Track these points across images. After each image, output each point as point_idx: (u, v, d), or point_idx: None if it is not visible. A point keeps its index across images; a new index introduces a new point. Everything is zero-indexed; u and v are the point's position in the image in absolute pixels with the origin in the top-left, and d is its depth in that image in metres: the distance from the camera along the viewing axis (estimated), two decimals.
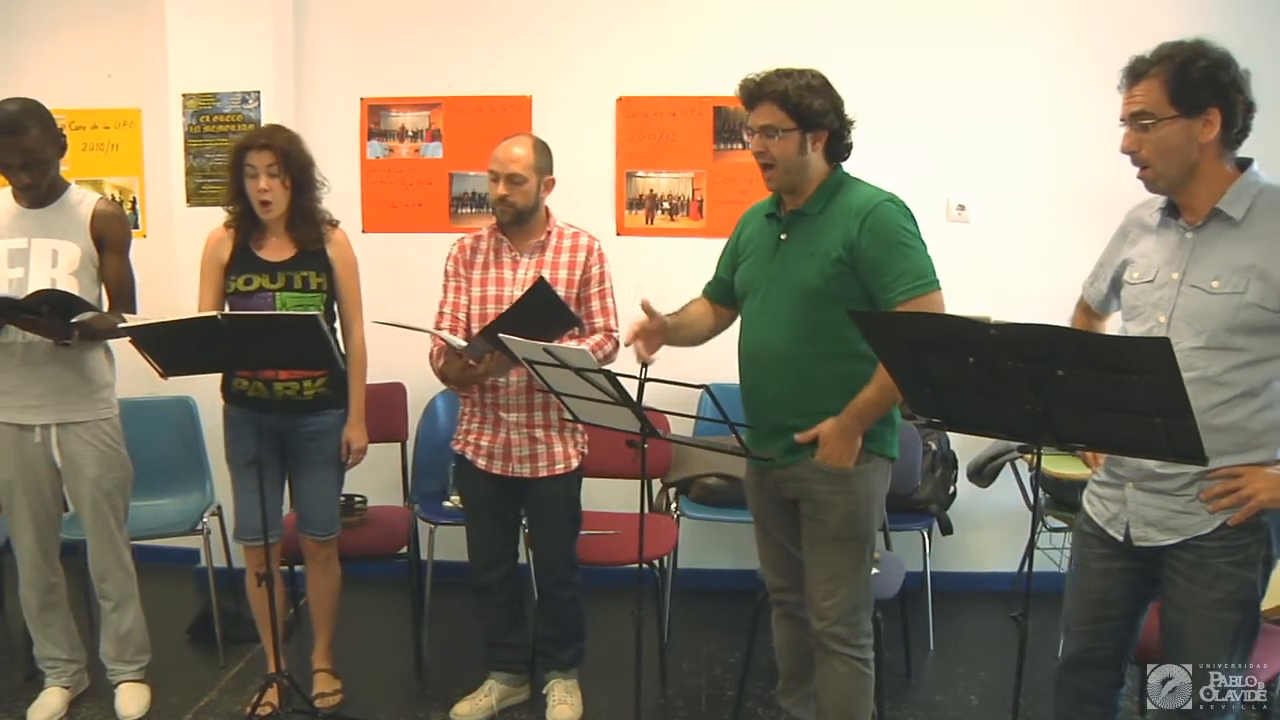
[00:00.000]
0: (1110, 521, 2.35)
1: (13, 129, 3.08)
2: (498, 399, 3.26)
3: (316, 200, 3.33)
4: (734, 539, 4.29)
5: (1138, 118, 2.17)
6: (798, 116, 2.53)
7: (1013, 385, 1.98)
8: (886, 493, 2.76)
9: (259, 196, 3.21)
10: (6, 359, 3.26)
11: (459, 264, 3.35)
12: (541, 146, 3.27)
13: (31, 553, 3.37)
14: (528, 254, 3.28)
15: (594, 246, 3.32)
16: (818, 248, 2.55)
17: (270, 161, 3.19)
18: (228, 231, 3.32)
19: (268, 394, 3.27)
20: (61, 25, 4.73)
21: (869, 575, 2.73)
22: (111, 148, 4.80)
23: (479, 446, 3.33)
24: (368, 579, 4.19)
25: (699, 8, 4.40)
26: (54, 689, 3.49)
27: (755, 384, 2.69)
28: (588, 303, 3.30)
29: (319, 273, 3.31)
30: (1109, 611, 2.40)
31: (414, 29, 4.52)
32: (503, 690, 3.51)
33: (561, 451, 3.32)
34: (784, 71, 2.55)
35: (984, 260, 4.21)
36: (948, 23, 4.32)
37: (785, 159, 2.56)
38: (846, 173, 2.67)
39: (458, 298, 3.33)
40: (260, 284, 3.26)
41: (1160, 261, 2.26)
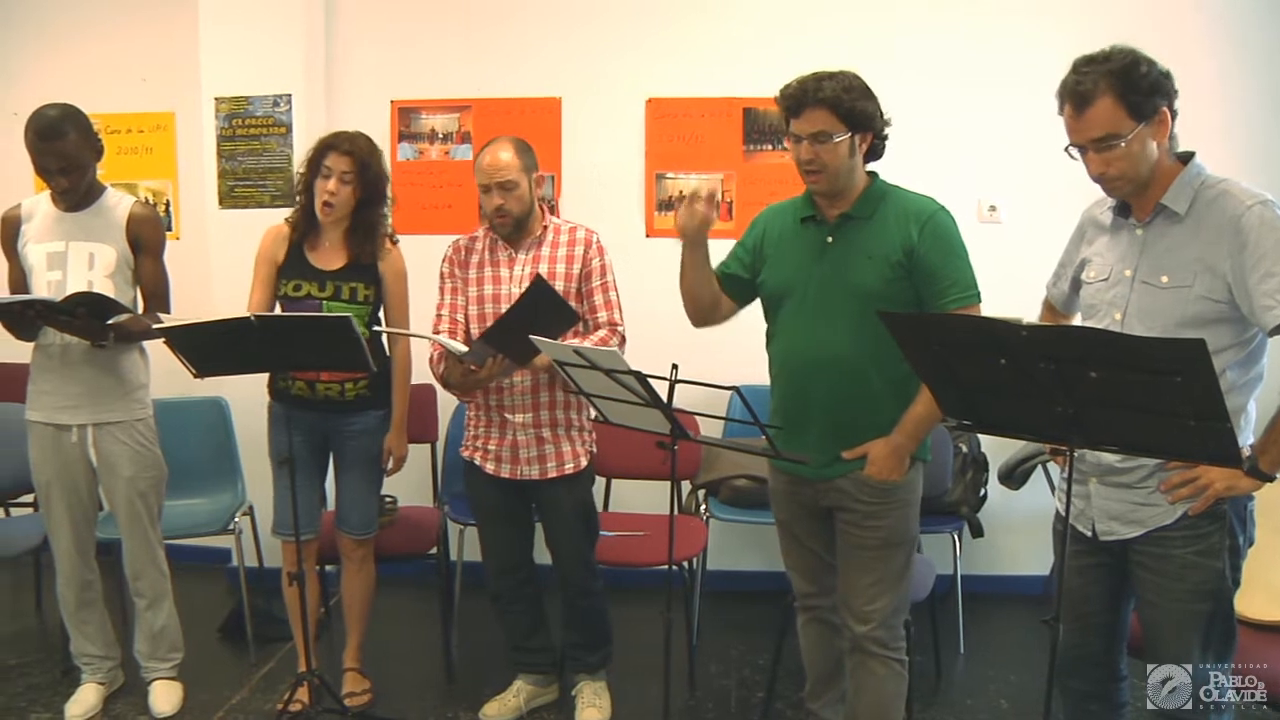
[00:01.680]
0: (1078, 517, 2.37)
1: (52, 134, 3.12)
2: (503, 401, 3.24)
3: (382, 216, 3.35)
4: (763, 541, 4.28)
5: (1103, 141, 2.18)
6: (850, 121, 2.51)
7: (1044, 387, 1.96)
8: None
9: (324, 197, 3.23)
10: (45, 360, 3.31)
11: (454, 265, 3.33)
12: (523, 145, 3.22)
13: (68, 551, 3.42)
14: (524, 250, 3.25)
15: (592, 239, 3.27)
16: (874, 251, 2.55)
17: (347, 168, 3.22)
18: (286, 229, 3.35)
19: (310, 394, 3.30)
20: (97, 31, 4.80)
21: (910, 578, 2.73)
22: (146, 151, 4.85)
23: (486, 451, 3.32)
24: (398, 579, 4.20)
25: (728, 9, 4.40)
26: (90, 685, 3.53)
27: (800, 389, 2.66)
28: (590, 297, 3.25)
29: (367, 284, 3.33)
30: (1090, 608, 2.43)
31: (444, 32, 4.54)
32: (531, 691, 3.51)
33: (570, 451, 3.30)
34: (824, 75, 2.52)
35: (1016, 261, 4.14)
36: (978, 23, 4.30)
37: (836, 164, 2.54)
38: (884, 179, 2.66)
39: (455, 299, 3.31)
40: (309, 291, 3.28)
41: (1114, 259, 2.31)
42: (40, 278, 3.25)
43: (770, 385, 2.76)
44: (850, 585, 2.70)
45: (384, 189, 3.34)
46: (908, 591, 2.74)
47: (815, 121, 2.51)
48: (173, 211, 4.84)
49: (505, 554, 3.44)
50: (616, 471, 4.18)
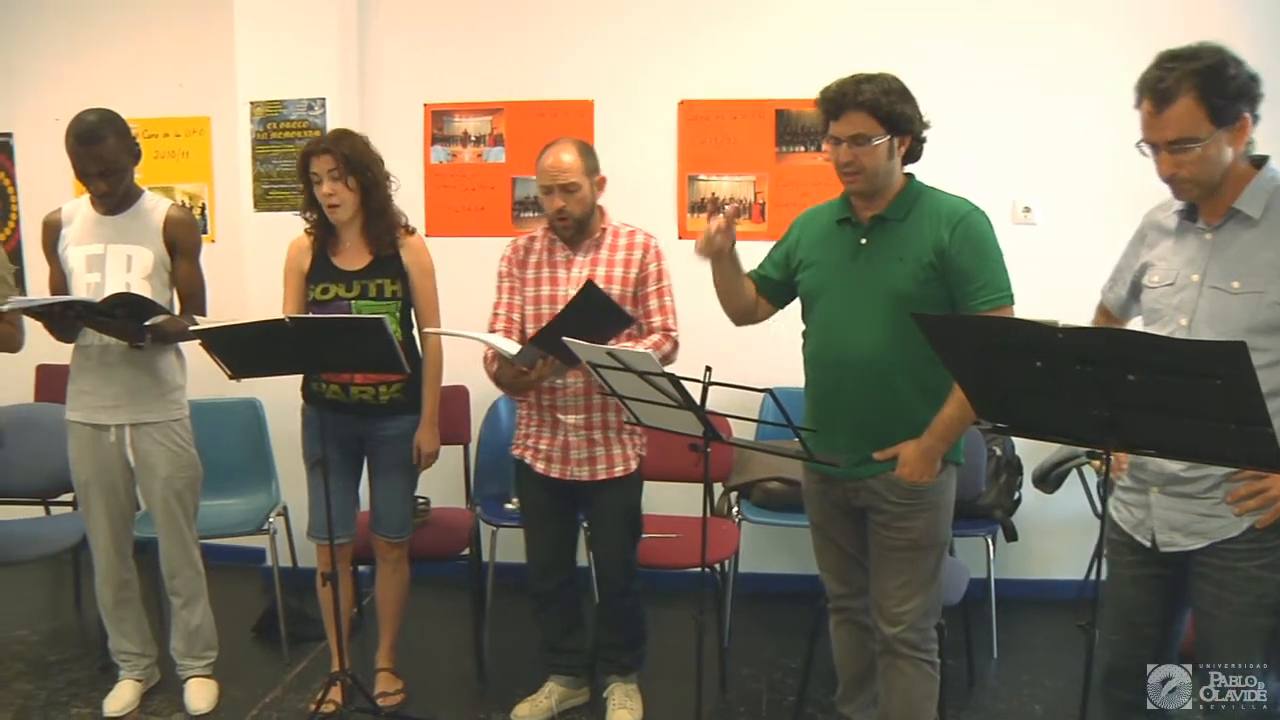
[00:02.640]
0: (1137, 527, 2.32)
1: (91, 138, 3.16)
2: (555, 401, 3.26)
3: (387, 199, 3.35)
4: (795, 543, 4.27)
5: (1177, 144, 2.10)
6: (889, 124, 2.50)
7: (1081, 390, 1.94)
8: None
9: (326, 201, 3.25)
10: (84, 361, 3.36)
11: (512, 265, 3.36)
12: (585, 148, 3.24)
13: (106, 549, 3.46)
14: (582, 253, 3.27)
15: (650, 244, 3.28)
16: (906, 253, 2.55)
17: (331, 166, 3.22)
18: (309, 240, 3.38)
19: (344, 397, 3.32)
20: (134, 37, 4.86)
21: (942, 580, 2.72)
22: (182, 155, 4.90)
23: (537, 450, 3.34)
24: (430, 580, 4.22)
25: (761, 11, 4.38)
26: (127, 681, 3.58)
27: (831, 390, 2.66)
28: (645, 301, 3.26)
29: (394, 280, 3.34)
30: (1144, 619, 2.37)
31: (476, 35, 4.56)
32: (562, 692, 3.52)
33: (620, 454, 3.31)
34: (864, 78, 2.51)
35: (1051, 263, 4.13)
36: (1011, 24, 4.26)
37: (874, 166, 2.53)
38: (919, 181, 2.66)
39: (511, 298, 3.34)
40: (336, 293, 3.30)
41: (1180, 264, 2.24)
42: (80, 280, 3.29)
43: (804, 387, 2.76)
44: (881, 587, 2.70)
45: (379, 172, 3.32)
46: (939, 594, 2.73)
47: (855, 124, 2.51)
48: (208, 214, 4.89)
49: (549, 553, 3.45)
50: (649, 474, 4.13)
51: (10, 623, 4.18)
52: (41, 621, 4.34)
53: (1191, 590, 2.26)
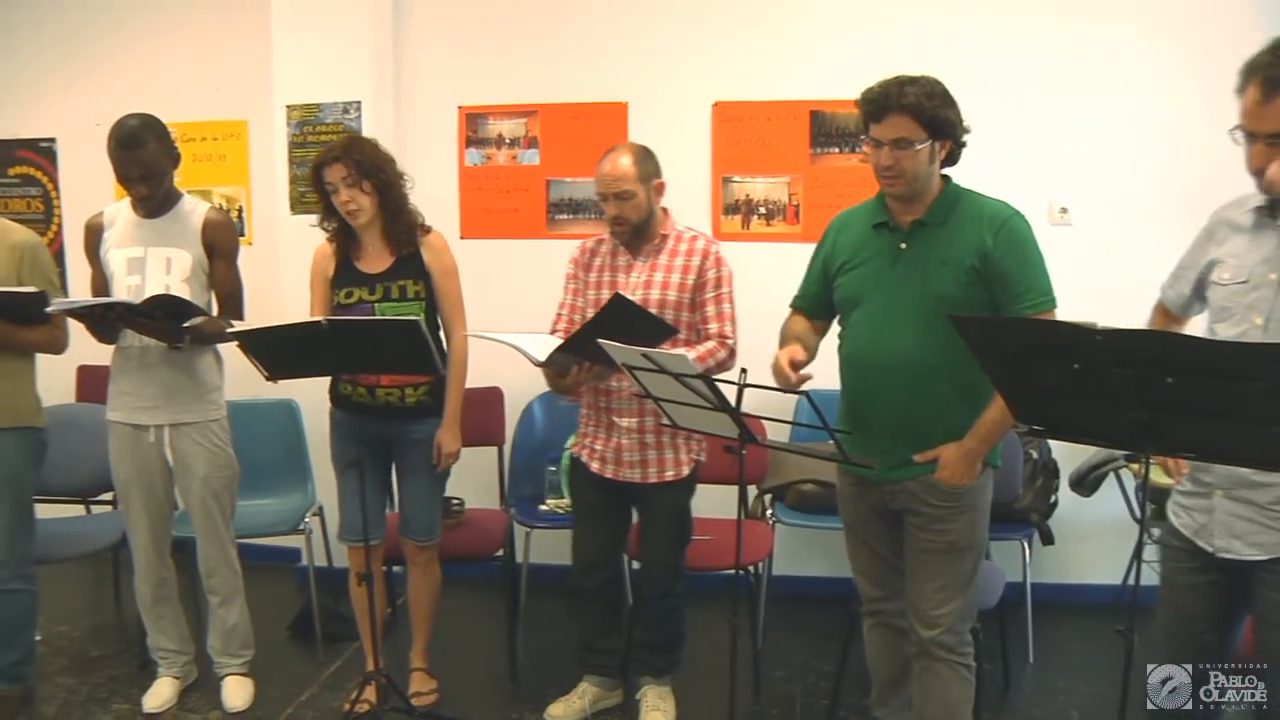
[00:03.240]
0: (1198, 533, 2.27)
1: (132, 143, 3.21)
2: (611, 403, 3.29)
3: (403, 198, 3.37)
4: (829, 546, 4.25)
5: (1278, 138, 2.02)
6: (931, 128, 2.48)
7: (1119, 393, 1.92)
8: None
9: (345, 208, 3.27)
10: (124, 361, 3.40)
11: (578, 267, 3.39)
12: (643, 153, 3.24)
13: (145, 548, 3.51)
14: (642, 258, 3.28)
15: (710, 251, 3.27)
16: (948, 256, 2.53)
17: (344, 174, 3.23)
18: (331, 247, 3.40)
19: (370, 400, 3.34)
20: (173, 43, 4.92)
21: (978, 584, 2.71)
22: (220, 158, 4.95)
23: (593, 449, 3.36)
24: (464, 581, 4.24)
25: (795, 12, 4.37)
26: (165, 678, 3.62)
27: (870, 393, 2.64)
28: (702, 308, 3.25)
29: (416, 280, 3.35)
30: (1198, 627, 2.32)
31: (511, 37, 4.58)
32: (596, 693, 3.52)
33: (673, 459, 3.31)
34: (907, 80, 2.48)
35: (1088, 264, 4.11)
36: (1048, 24, 4.23)
37: (915, 170, 2.51)
38: (957, 184, 2.64)
39: (574, 300, 3.38)
40: (360, 296, 3.32)
41: (1255, 261, 2.17)
42: (120, 282, 3.34)
43: (840, 389, 2.74)
44: (918, 589, 2.68)
45: (392, 172, 3.33)
46: (975, 597, 2.72)
47: (896, 128, 2.48)
48: (245, 217, 4.93)
49: (594, 551, 3.46)
50: None
51: (53, 618, 4.23)
52: (83, 618, 4.40)
53: (1256, 597, 2.21)
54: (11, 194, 5.23)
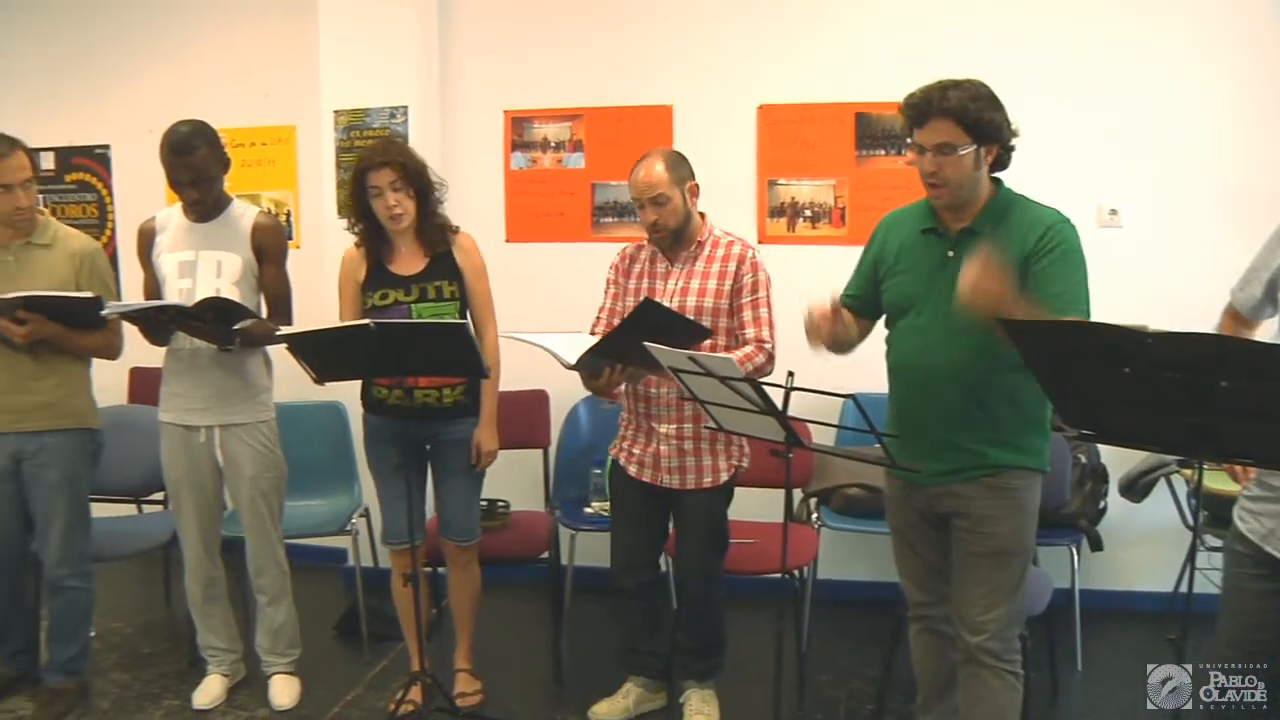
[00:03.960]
0: (1267, 538, 2.23)
1: (184, 149, 3.26)
2: (650, 409, 3.29)
3: (439, 202, 3.40)
4: (874, 550, 4.22)
5: None
6: (975, 132, 2.43)
7: (1171, 397, 1.89)
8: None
9: (389, 213, 3.28)
10: (175, 364, 3.46)
11: (619, 272, 3.41)
12: (674, 157, 3.25)
13: (195, 547, 3.56)
14: (679, 264, 3.29)
15: (747, 255, 3.27)
16: None
17: (393, 178, 3.26)
18: (359, 250, 3.42)
19: (408, 401, 3.35)
20: (222, 50, 4.99)
21: (1026, 589, 2.67)
22: (268, 163, 5.01)
23: (631, 454, 3.37)
24: (509, 582, 4.26)
25: (840, 15, 4.35)
26: (215, 676, 3.68)
27: (917, 400, 2.62)
28: (739, 312, 3.25)
29: (450, 281, 3.38)
30: (1263, 635, 2.28)
31: (556, 42, 4.60)
32: (640, 694, 3.52)
33: (710, 465, 3.30)
34: (950, 84, 2.44)
35: (1138, 266, 4.06)
36: (1098, 25, 4.18)
37: (960, 177, 2.46)
38: (1009, 189, 2.60)
39: (614, 304, 3.39)
40: (395, 298, 3.34)
41: None
42: (172, 285, 3.39)
43: (887, 394, 2.73)
44: (964, 594, 2.65)
45: (429, 178, 3.36)
46: (1023, 603, 2.68)
47: (940, 132, 2.44)
48: (293, 221, 4.99)
49: (633, 553, 3.46)
50: None
51: (107, 615, 4.30)
52: (135, 615, 4.48)
53: None
54: (68, 200, 5.33)
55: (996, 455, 2.56)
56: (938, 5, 4.28)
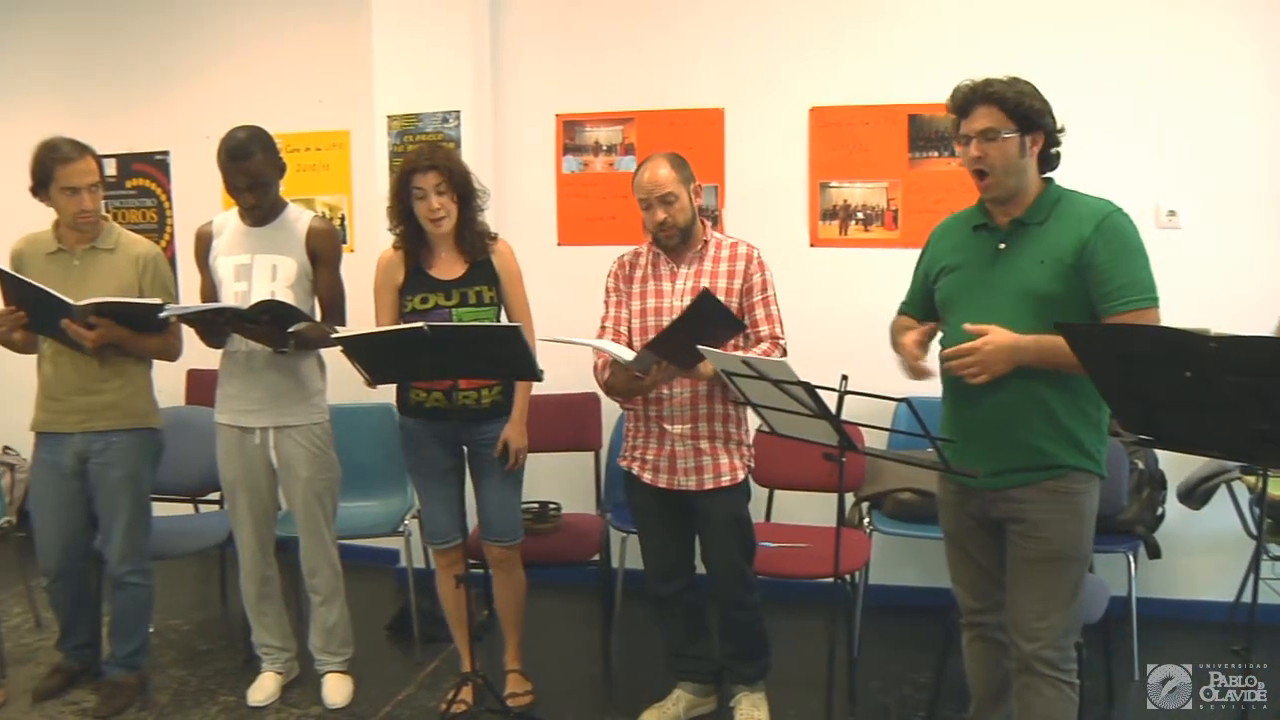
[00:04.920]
0: None
1: (241, 154, 3.31)
2: (662, 411, 3.27)
3: (480, 209, 3.43)
4: (926, 555, 4.19)
5: None
6: (1018, 117, 2.48)
7: (1234, 402, 1.86)
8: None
9: (432, 215, 3.31)
10: (231, 366, 3.51)
11: (619, 280, 3.39)
12: (677, 159, 3.26)
13: (250, 546, 3.60)
14: (686, 265, 3.28)
15: (753, 254, 3.28)
16: (1047, 254, 2.48)
17: (438, 181, 3.29)
18: (398, 254, 3.44)
19: (447, 403, 3.35)
20: (279, 58, 5.06)
21: (1082, 597, 2.63)
22: (323, 168, 5.07)
23: (644, 461, 3.34)
24: (560, 585, 4.27)
25: (892, 16, 4.32)
26: (269, 674, 3.73)
27: (971, 397, 2.57)
28: (751, 311, 3.25)
29: (489, 286, 3.40)
30: None
31: (607, 45, 4.61)
32: (690, 700, 3.51)
33: (727, 464, 3.28)
34: (994, 78, 2.51)
35: (1197, 268, 3.98)
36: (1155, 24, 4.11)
37: (1005, 162, 2.49)
38: (1060, 185, 2.59)
39: (619, 312, 3.37)
40: (436, 301, 3.37)
41: None
42: (228, 288, 3.44)
43: (942, 396, 2.70)
44: (1019, 601, 2.62)
45: (473, 185, 3.39)
46: (1079, 611, 2.64)
47: (983, 118, 2.49)
48: (347, 225, 5.04)
49: (664, 561, 3.45)
50: (779, 482, 4.15)
51: (165, 612, 4.37)
52: (192, 613, 4.55)
53: None
54: (129, 205, 5.43)
55: (1059, 454, 2.53)
56: (991, 6, 4.23)
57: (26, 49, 5.49)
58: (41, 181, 3.37)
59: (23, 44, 5.50)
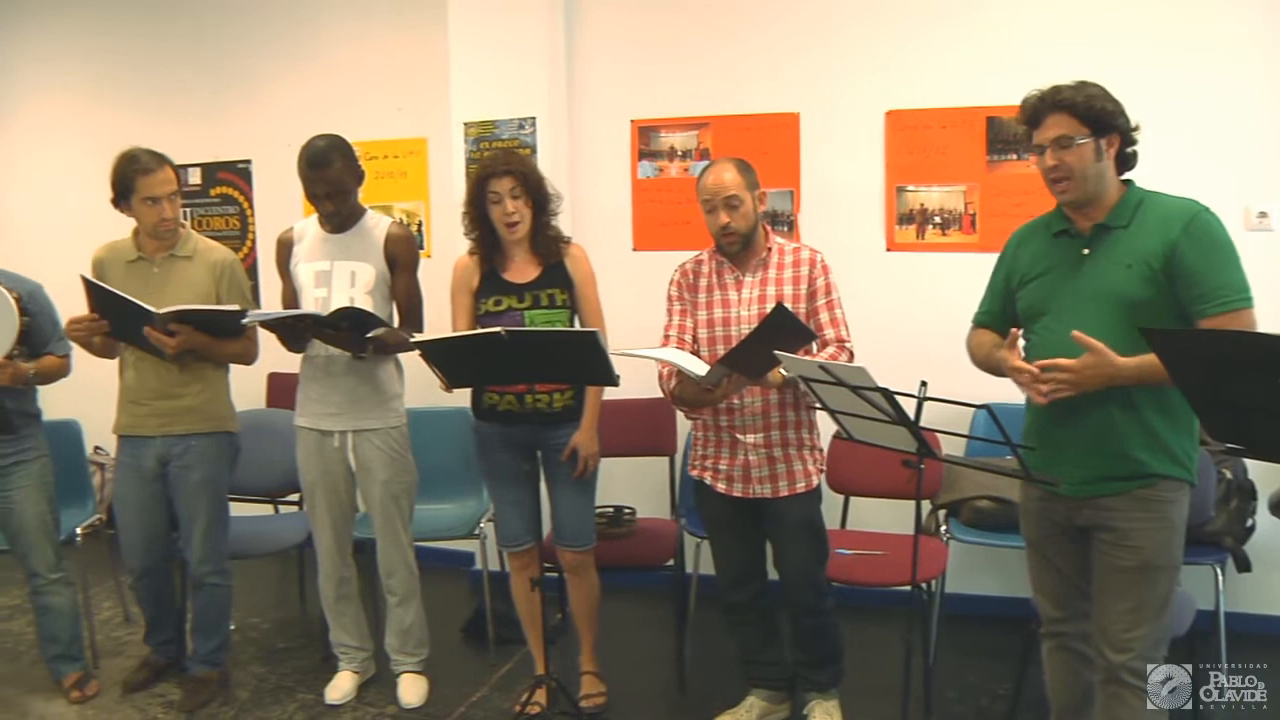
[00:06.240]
0: None
1: (320, 162, 3.37)
2: (734, 421, 3.25)
3: (554, 214, 3.45)
4: (1004, 564, 4.12)
5: None
6: (1091, 122, 2.43)
7: None
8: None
9: (506, 220, 3.34)
10: (311, 370, 3.57)
11: (682, 289, 3.36)
12: (743, 164, 3.23)
13: (329, 547, 3.67)
14: (750, 273, 3.25)
15: (816, 259, 3.25)
16: (1134, 258, 2.43)
17: (512, 185, 3.31)
18: (473, 259, 3.47)
19: (519, 407, 3.39)
20: (358, 67, 5.14)
21: (1173, 608, 2.57)
22: (400, 175, 5.14)
23: (717, 470, 3.33)
24: (635, 589, 4.28)
25: (969, 18, 4.25)
26: (346, 673, 3.79)
27: (1060, 405, 2.50)
28: (815, 315, 3.22)
29: (562, 289, 3.42)
30: None
31: (682, 51, 4.60)
32: (763, 707, 3.49)
33: (801, 470, 3.26)
34: (1062, 84, 2.47)
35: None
36: (1241, 23, 3.99)
37: (1082, 168, 2.45)
38: (1140, 187, 2.54)
39: (684, 320, 3.34)
40: (509, 304, 3.39)
41: None
42: (308, 294, 3.50)
43: (1025, 402, 2.65)
44: (1106, 611, 2.56)
45: (547, 190, 3.41)
46: (1170, 622, 2.58)
47: (1055, 126, 2.46)
48: (424, 231, 5.10)
49: (736, 568, 3.43)
50: (854, 489, 4.11)
51: (245, 611, 4.48)
52: (271, 611, 4.64)
53: None
54: (212, 212, 5.56)
55: (1151, 462, 2.48)
56: (1070, 6, 4.14)
57: (114, 60, 5.64)
58: (122, 193, 3.46)
59: (110, 55, 5.66)
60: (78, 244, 3.80)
